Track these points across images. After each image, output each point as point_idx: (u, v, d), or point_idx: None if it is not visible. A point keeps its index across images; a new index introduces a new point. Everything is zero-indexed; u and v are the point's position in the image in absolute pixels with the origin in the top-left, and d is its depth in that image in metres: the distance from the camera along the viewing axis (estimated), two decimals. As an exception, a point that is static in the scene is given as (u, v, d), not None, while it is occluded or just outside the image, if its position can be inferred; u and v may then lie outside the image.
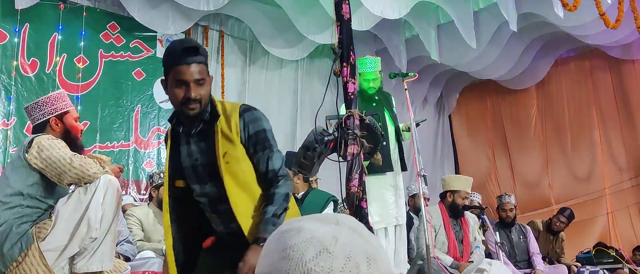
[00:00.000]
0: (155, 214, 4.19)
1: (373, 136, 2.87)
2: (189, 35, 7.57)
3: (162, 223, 4.17)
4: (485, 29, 7.83)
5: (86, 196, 2.68)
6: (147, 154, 7.08)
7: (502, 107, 10.49)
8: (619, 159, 9.15)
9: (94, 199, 2.67)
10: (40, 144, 2.75)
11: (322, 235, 0.82)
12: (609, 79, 9.38)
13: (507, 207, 5.87)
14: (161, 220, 4.19)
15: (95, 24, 6.84)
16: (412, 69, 8.68)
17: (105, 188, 2.72)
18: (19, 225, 2.65)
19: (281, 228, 0.87)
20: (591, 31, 7.86)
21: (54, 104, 3.00)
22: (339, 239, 0.82)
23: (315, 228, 0.83)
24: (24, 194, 2.72)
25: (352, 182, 2.71)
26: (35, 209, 2.74)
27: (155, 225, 4.14)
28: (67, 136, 2.97)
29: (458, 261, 4.73)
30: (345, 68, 2.91)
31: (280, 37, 7.95)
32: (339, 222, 0.86)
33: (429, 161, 10.00)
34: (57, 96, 3.07)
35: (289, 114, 8.57)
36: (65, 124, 3.00)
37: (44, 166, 2.73)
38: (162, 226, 4.18)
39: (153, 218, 4.17)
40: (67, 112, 3.04)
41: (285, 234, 0.85)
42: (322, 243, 0.81)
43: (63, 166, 2.70)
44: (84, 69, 6.68)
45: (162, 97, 7.25)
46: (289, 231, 0.85)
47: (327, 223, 0.85)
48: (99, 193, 2.69)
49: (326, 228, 0.84)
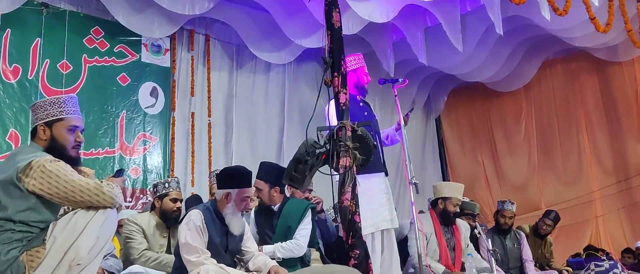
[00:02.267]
0: (157, 223, 4.11)
1: (365, 147, 2.81)
2: (175, 39, 7.48)
3: (163, 233, 4.12)
4: (472, 32, 7.83)
5: (83, 220, 2.49)
6: (133, 160, 6.97)
7: (490, 110, 10.49)
8: (606, 162, 9.17)
9: (90, 225, 2.49)
10: (43, 168, 2.52)
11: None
12: (595, 81, 9.42)
13: (507, 214, 5.79)
14: (162, 231, 4.12)
15: (78, 29, 6.72)
16: (400, 72, 8.66)
17: (106, 216, 2.55)
18: (7, 252, 2.46)
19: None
20: (578, 33, 7.90)
21: (47, 108, 2.73)
22: None
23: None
24: (15, 221, 2.52)
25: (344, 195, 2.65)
26: (26, 234, 2.54)
27: (155, 235, 4.05)
28: (51, 148, 2.70)
29: (450, 269, 4.69)
30: (336, 78, 2.85)
31: (267, 41, 7.87)
32: None
33: (416, 164, 9.96)
34: (54, 100, 2.78)
35: (276, 118, 8.51)
36: (52, 133, 2.73)
37: (52, 193, 2.52)
38: (162, 238, 4.12)
39: (154, 227, 4.08)
40: (59, 119, 2.74)
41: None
42: None
43: (79, 195, 2.51)
44: (68, 75, 6.56)
45: (148, 103, 7.16)
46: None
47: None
48: (97, 219, 2.51)
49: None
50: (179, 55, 7.60)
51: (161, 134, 7.23)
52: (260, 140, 8.20)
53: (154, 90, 7.25)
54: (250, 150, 8.03)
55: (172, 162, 7.23)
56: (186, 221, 3.36)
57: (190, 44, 7.72)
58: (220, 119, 7.89)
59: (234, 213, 3.44)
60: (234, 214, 3.44)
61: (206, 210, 3.43)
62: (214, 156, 7.57)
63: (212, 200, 3.54)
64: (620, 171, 8.98)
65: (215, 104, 7.84)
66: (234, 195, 3.42)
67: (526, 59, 9.17)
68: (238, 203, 3.43)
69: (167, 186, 4.16)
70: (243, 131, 8.05)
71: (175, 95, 7.45)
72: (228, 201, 3.43)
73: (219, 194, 3.48)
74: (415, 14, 7.91)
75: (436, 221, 4.88)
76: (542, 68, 9.78)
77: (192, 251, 3.24)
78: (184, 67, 7.65)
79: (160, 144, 7.20)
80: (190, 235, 3.28)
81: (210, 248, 3.33)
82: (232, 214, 3.43)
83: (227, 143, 7.87)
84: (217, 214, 3.46)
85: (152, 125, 7.18)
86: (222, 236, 3.46)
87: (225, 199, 3.44)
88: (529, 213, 9.22)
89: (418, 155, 10.17)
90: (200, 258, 3.22)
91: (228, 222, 3.42)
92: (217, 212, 3.46)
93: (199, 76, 7.76)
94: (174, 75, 7.49)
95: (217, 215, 3.45)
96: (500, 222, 5.82)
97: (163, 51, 7.40)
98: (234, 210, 3.44)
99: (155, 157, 7.15)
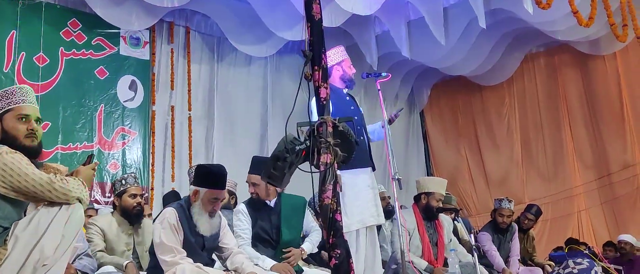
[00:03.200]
0: (119, 223, 3.98)
1: (347, 143, 2.73)
2: (154, 31, 7.35)
3: (126, 232, 4.01)
4: (455, 25, 7.81)
5: (46, 219, 2.38)
6: (112, 155, 6.85)
7: (473, 104, 10.48)
8: (589, 157, 9.21)
9: (54, 223, 2.38)
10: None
11: None
12: (578, 75, 9.44)
13: (505, 213, 5.72)
14: (126, 229, 4.00)
15: (55, 21, 6.58)
16: (383, 65, 8.61)
17: (70, 212, 2.43)
18: None
19: None
20: (560, 27, 7.90)
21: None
22: None
23: None
24: None
25: (325, 194, 2.57)
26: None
27: (119, 235, 3.93)
28: (4, 140, 2.56)
29: (432, 264, 4.64)
30: (316, 71, 2.77)
31: (248, 34, 7.76)
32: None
33: (400, 158, 9.93)
34: (2, 93, 2.64)
35: (258, 111, 8.42)
36: (3, 126, 2.57)
37: (6, 186, 2.40)
38: (126, 236, 4.00)
39: (117, 227, 3.95)
40: (8, 110, 2.60)
41: None
42: None
43: (33, 189, 2.39)
44: (44, 68, 6.42)
45: (126, 97, 7.03)
46: None
47: None
48: (61, 217, 2.41)
49: None
50: (158, 48, 7.47)
51: (140, 128, 7.11)
52: (242, 134, 8.10)
53: (132, 83, 7.12)
54: (232, 144, 7.93)
55: (151, 156, 7.11)
56: (160, 220, 3.27)
57: (170, 37, 7.59)
58: (201, 113, 7.78)
59: (200, 213, 3.34)
60: (200, 214, 3.34)
61: (180, 208, 3.34)
62: (194, 151, 7.46)
63: (187, 197, 3.45)
64: (603, 166, 9.01)
65: (196, 97, 7.73)
66: (202, 194, 3.32)
67: (509, 52, 9.16)
68: (205, 203, 3.33)
69: (123, 182, 4.05)
70: (224, 125, 7.95)
71: (155, 88, 7.33)
72: (195, 199, 3.34)
73: (190, 190, 3.40)
74: (398, 6, 7.85)
75: (419, 216, 4.82)
76: (524, 62, 9.78)
77: (167, 250, 3.15)
78: (164, 60, 7.53)
79: (139, 138, 7.09)
80: (165, 234, 3.19)
81: (186, 246, 3.25)
82: (198, 214, 3.34)
83: (208, 137, 7.77)
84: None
85: (131, 119, 7.06)
86: (197, 235, 3.37)
87: (193, 196, 3.35)
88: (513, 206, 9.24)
89: (402, 149, 10.14)
90: (176, 258, 3.13)
91: (195, 221, 3.33)
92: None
93: (179, 68, 7.64)
94: (154, 68, 7.36)
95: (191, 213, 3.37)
96: (498, 220, 5.74)
97: (142, 44, 7.27)
98: (201, 210, 3.34)
99: (134, 151, 7.03)
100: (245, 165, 4.22)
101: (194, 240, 3.34)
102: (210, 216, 3.37)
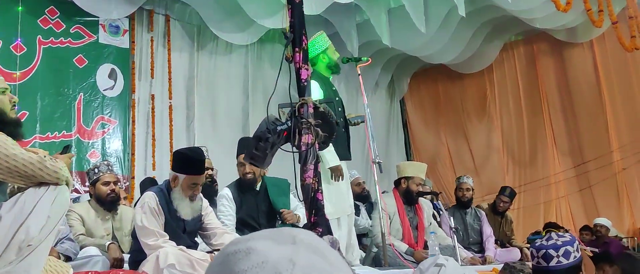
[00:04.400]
0: (96, 210, 3.99)
1: (328, 124, 2.76)
2: (134, 20, 7.29)
3: (103, 219, 4.01)
4: (435, 13, 7.83)
5: (32, 199, 2.36)
6: (92, 144, 6.80)
7: (453, 92, 10.57)
8: (567, 144, 9.33)
9: (40, 204, 2.36)
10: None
11: (276, 258, 0.67)
12: (556, 63, 9.55)
13: (464, 186, 5.92)
14: (103, 216, 4.01)
15: (32, 9, 6.49)
16: (364, 53, 8.61)
17: (56, 193, 2.41)
18: None
19: (227, 249, 0.72)
20: (538, 15, 7.98)
21: None
22: (297, 262, 0.67)
23: (268, 248, 0.68)
24: None
25: (307, 173, 2.60)
26: None
27: (97, 221, 3.94)
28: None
29: (413, 247, 4.71)
30: (297, 53, 2.79)
31: (229, 21, 7.72)
32: (296, 240, 0.71)
33: (381, 145, 9.98)
34: None
35: (240, 100, 8.40)
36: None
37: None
38: (103, 222, 4.01)
39: (94, 214, 3.96)
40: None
41: (232, 257, 0.69)
42: (276, 268, 0.66)
43: (23, 169, 2.35)
44: (22, 57, 6.34)
45: (106, 85, 6.98)
46: (236, 253, 0.69)
47: (282, 243, 0.70)
48: (47, 197, 2.38)
49: (281, 249, 0.68)
50: (138, 36, 7.40)
51: (120, 117, 7.06)
52: (223, 122, 8.08)
53: (112, 72, 7.06)
54: (213, 132, 7.91)
55: (132, 145, 7.07)
56: (141, 204, 3.28)
57: (150, 25, 7.53)
58: (182, 101, 7.74)
59: (181, 199, 3.35)
60: (180, 199, 3.35)
61: (160, 192, 3.35)
62: (175, 139, 7.43)
63: (167, 181, 3.46)
64: (581, 153, 9.13)
65: (176, 85, 7.69)
66: (181, 180, 3.33)
67: (488, 40, 9.24)
68: (185, 189, 3.34)
69: (96, 171, 4.05)
70: (205, 113, 7.92)
71: (135, 77, 7.28)
72: (175, 185, 3.35)
73: (170, 175, 3.41)
74: (378, -6, 7.87)
75: (399, 200, 4.88)
76: (504, 50, 9.88)
77: (149, 234, 3.16)
78: (144, 49, 7.47)
79: (119, 127, 7.04)
80: (146, 218, 3.19)
81: (168, 230, 3.26)
82: (179, 199, 3.35)
83: (189, 125, 7.74)
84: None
85: (111, 108, 7.00)
86: (178, 219, 3.38)
87: (173, 181, 3.36)
88: (493, 193, 9.31)
89: (382, 136, 10.19)
90: (158, 242, 3.14)
91: (175, 206, 3.34)
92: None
93: (159, 57, 7.58)
94: (133, 56, 7.30)
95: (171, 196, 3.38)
96: (458, 196, 5.94)
97: (122, 32, 7.20)
98: (181, 195, 3.35)
99: (114, 140, 6.99)
100: (227, 153, 4.25)
101: (175, 224, 3.35)
102: (190, 200, 3.38)
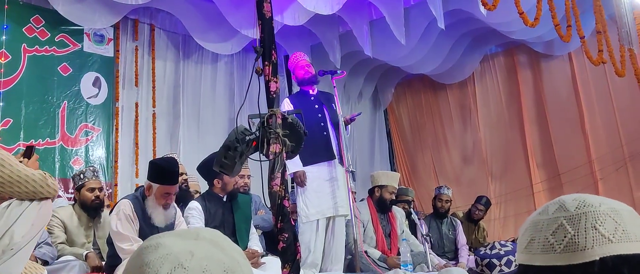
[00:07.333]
0: (79, 216, 4.07)
1: (296, 134, 2.88)
2: (118, 29, 7.39)
3: (87, 226, 4.10)
4: (416, 25, 7.98)
5: (18, 210, 2.46)
6: (75, 151, 6.87)
7: (436, 102, 10.70)
8: (547, 155, 9.45)
9: (26, 213, 2.46)
10: None
11: (178, 250, 0.82)
12: (534, 74, 9.70)
13: (443, 198, 6.03)
14: (87, 222, 4.10)
15: (17, 17, 6.57)
16: (347, 64, 8.78)
17: (41, 205, 2.52)
18: None
19: (142, 244, 0.87)
20: (515, 27, 8.13)
21: None
22: (196, 253, 0.82)
23: (173, 243, 0.84)
24: None
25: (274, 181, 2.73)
26: None
27: (80, 228, 4.03)
28: None
29: (386, 254, 4.83)
30: (267, 67, 2.92)
31: (213, 32, 7.84)
32: (199, 236, 0.86)
33: (365, 155, 10.13)
34: None
35: (225, 109, 8.50)
36: None
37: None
38: (87, 228, 4.09)
39: (77, 220, 4.05)
40: None
41: (144, 250, 0.84)
42: (177, 258, 0.81)
43: (24, 185, 2.45)
44: (6, 65, 6.41)
45: (90, 93, 7.06)
46: (148, 247, 0.85)
47: (186, 238, 0.86)
48: (33, 208, 2.48)
49: (184, 243, 0.84)
50: (123, 45, 7.50)
51: (104, 125, 7.14)
52: (209, 131, 8.17)
53: (96, 80, 7.15)
54: (198, 141, 8.00)
55: (115, 153, 7.16)
56: (116, 211, 3.39)
57: (135, 34, 7.63)
58: (166, 110, 7.84)
59: (154, 207, 3.47)
60: (154, 207, 3.47)
61: (135, 199, 3.46)
62: (158, 147, 7.52)
63: (142, 188, 3.57)
64: (561, 164, 9.25)
65: (161, 94, 7.79)
66: (155, 190, 3.45)
67: (468, 52, 9.40)
68: (158, 197, 3.46)
69: (82, 176, 4.15)
70: (191, 122, 8.02)
71: (119, 85, 7.37)
72: (149, 193, 3.47)
73: (145, 183, 3.52)
74: (360, 6, 8.01)
75: (373, 208, 5.01)
76: (484, 61, 10.04)
77: (124, 239, 3.27)
78: (129, 57, 7.56)
79: (103, 134, 7.12)
80: (121, 224, 3.30)
81: (142, 236, 3.36)
82: (152, 207, 3.47)
83: (173, 134, 7.83)
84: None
85: (95, 115, 7.09)
86: (152, 226, 3.49)
87: (147, 190, 3.47)
88: (475, 203, 9.48)
89: (366, 146, 10.32)
90: (133, 246, 3.25)
91: (150, 213, 3.46)
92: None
93: (143, 66, 7.68)
94: (118, 65, 7.40)
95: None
96: (437, 206, 6.05)
97: (106, 41, 7.30)
98: (155, 204, 3.47)
99: (98, 148, 7.07)
100: (212, 162, 4.35)
101: (149, 231, 3.45)
102: (164, 208, 3.50)
